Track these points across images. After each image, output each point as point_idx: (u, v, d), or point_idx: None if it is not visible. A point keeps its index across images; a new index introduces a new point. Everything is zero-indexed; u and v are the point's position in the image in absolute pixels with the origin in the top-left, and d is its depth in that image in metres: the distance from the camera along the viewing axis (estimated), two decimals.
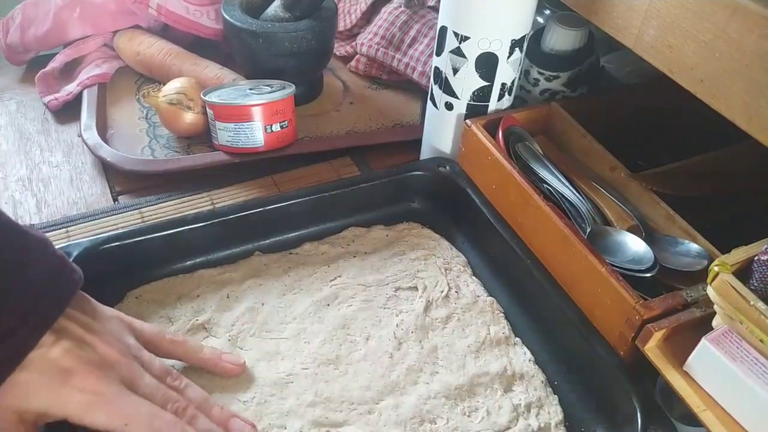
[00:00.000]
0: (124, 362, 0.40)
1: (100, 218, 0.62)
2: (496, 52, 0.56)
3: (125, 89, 0.80)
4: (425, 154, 0.68)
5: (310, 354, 0.49)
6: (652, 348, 0.43)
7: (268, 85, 0.68)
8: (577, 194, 0.55)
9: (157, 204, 0.64)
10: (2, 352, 0.36)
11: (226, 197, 0.66)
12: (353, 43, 0.85)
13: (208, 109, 0.66)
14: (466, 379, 0.48)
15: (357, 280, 0.55)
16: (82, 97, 0.74)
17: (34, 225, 0.61)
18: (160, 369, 0.42)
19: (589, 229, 0.52)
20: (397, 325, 0.52)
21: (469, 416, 0.46)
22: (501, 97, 0.60)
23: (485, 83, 0.58)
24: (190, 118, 0.68)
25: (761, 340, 0.37)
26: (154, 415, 0.38)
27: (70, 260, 0.41)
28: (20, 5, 0.79)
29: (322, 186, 0.60)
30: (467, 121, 0.59)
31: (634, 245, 0.51)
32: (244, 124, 0.64)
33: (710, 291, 0.39)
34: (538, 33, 0.66)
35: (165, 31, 0.83)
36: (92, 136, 0.69)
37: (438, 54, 0.59)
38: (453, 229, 0.62)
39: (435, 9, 0.81)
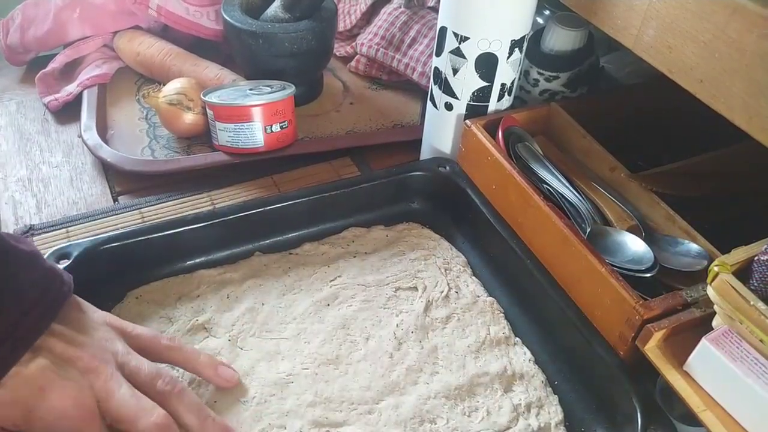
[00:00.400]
0: (102, 375, 0.39)
1: (100, 218, 0.62)
2: (495, 53, 0.56)
3: (125, 90, 0.80)
4: (425, 154, 0.68)
5: (310, 354, 0.49)
6: (652, 348, 0.43)
7: (268, 86, 0.68)
8: (577, 194, 0.55)
9: (157, 204, 0.64)
10: None
11: (226, 197, 0.66)
12: (353, 44, 0.85)
13: (208, 110, 0.66)
14: (466, 379, 0.48)
15: (357, 280, 0.55)
16: (82, 97, 0.74)
17: (34, 225, 0.61)
18: (149, 374, 0.41)
19: (589, 229, 0.52)
20: (397, 325, 0.52)
21: (469, 416, 0.46)
22: (501, 97, 0.60)
23: (485, 83, 0.58)
24: (190, 118, 0.68)
25: (761, 340, 0.37)
26: None
27: (65, 265, 0.41)
28: (20, 6, 0.79)
29: (322, 186, 0.60)
30: (467, 121, 0.59)
31: (634, 245, 0.51)
32: (244, 124, 0.64)
33: (710, 291, 0.39)
34: (538, 33, 0.66)
35: (165, 32, 0.83)
36: (92, 137, 0.69)
37: (438, 54, 0.59)
38: (453, 229, 0.62)
39: (435, 9, 0.81)
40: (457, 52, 0.57)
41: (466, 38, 0.56)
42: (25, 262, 0.39)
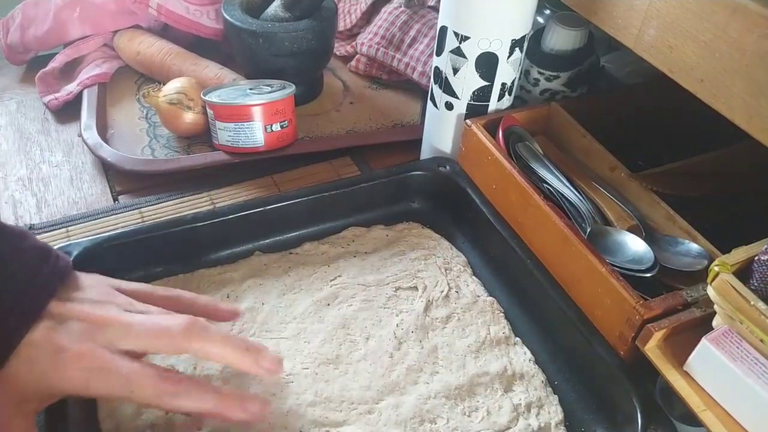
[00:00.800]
0: (113, 322, 0.38)
1: (100, 218, 0.62)
2: (496, 52, 0.56)
3: (125, 89, 0.80)
4: (425, 153, 0.68)
5: (310, 354, 0.49)
6: (652, 348, 0.43)
7: (268, 85, 0.68)
8: (577, 194, 0.55)
9: (157, 204, 0.64)
10: None
11: (226, 197, 0.66)
12: (353, 43, 0.85)
13: (208, 109, 0.66)
14: (466, 379, 0.48)
15: (357, 279, 0.55)
16: (82, 96, 0.74)
17: (33, 224, 0.61)
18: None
19: (589, 229, 0.52)
20: (397, 324, 0.52)
21: (469, 416, 0.46)
22: (501, 97, 0.60)
23: (485, 83, 0.58)
24: (190, 117, 0.68)
25: (761, 340, 0.37)
26: (158, 375, 0.37)
27: (66, 256, 0.41)
28: (20, 5, 0.79)
29: (322, 186, 0.60)
30: (467, 120, 0.59)
31: (634, 245, 0.50)
32: (244, 123, 0.64)
33: (710, 291, 0.39)
34: (538, 33, 0.66)
35: (165, 31, 0.83)
36: (92, 136, 0.69)
37: (438, 54, 0.59)
38: (453, 229, 0.62)
39: (435, 9, 0.81)
40: (458, 52, 0.57)
41: (467, 38, 0.56)
42: (15, 240, 0.39)
